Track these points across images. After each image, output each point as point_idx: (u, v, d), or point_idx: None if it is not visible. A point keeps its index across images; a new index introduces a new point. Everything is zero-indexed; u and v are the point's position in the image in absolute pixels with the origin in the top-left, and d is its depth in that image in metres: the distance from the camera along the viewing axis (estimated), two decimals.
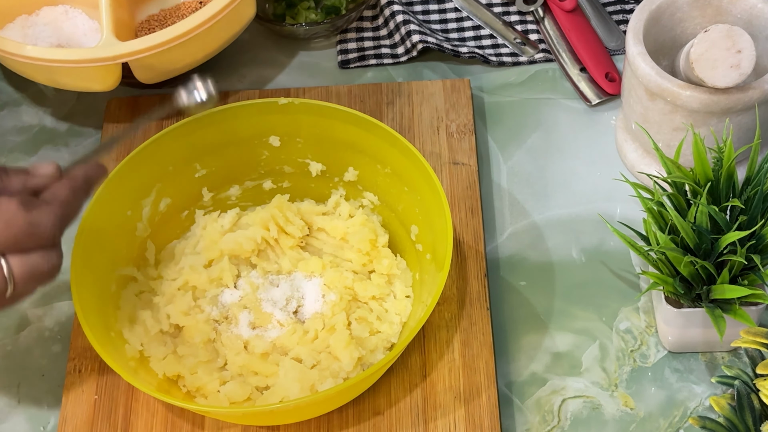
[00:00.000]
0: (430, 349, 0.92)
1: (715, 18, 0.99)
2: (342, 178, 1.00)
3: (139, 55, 1.02)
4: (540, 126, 1.09)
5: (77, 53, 1.02)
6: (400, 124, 1.07)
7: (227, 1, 1.03)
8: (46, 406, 0.94)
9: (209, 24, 1.03)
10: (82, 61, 1.02)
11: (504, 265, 0.99)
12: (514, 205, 1.04)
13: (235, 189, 1.01)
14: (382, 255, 0.96)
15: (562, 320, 0.96)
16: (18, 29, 1.13)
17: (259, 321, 0.92)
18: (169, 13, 1.15)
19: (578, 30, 1.14)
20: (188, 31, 1.02)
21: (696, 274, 0.84)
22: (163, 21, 1.14)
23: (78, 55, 1.02)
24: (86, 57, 1.02)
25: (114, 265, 0.93)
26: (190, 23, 1.02)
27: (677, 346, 0.92)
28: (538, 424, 0.90)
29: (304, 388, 0.87)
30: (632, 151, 1.03)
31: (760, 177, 0.85)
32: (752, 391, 0.79)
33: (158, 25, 1.14)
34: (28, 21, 1.13)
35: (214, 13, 1.03)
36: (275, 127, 0.98)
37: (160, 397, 0.82)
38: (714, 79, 0.89)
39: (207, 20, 1.03)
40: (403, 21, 1.16)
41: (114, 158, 1.07)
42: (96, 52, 1.02)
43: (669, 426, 0.89)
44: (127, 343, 0.90)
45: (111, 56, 1.02)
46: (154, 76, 1.07)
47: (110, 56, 1.02)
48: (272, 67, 1.17)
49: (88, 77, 1.04)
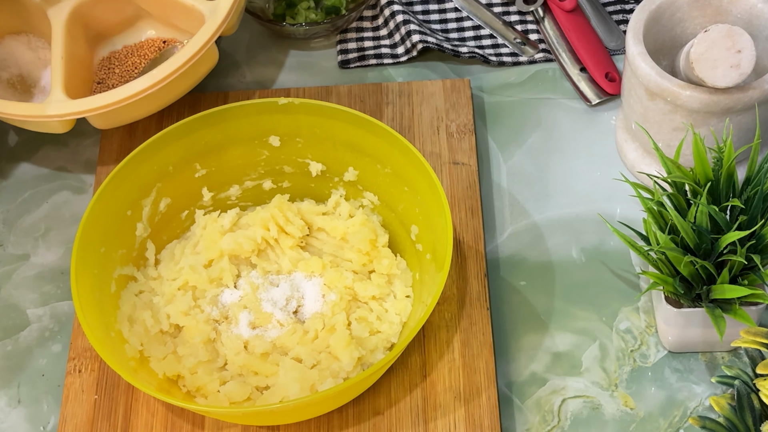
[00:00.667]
0: (430, 349, 0.92)
1: (715, 18, 0.99)
2: (342, 178, 1.00)
3: (89, 113, 1.00)
4: (540, 126, 1.09)
5: (26, 108, 1.00)
6: (400, 124, 1.07)
7: (185, 58, 1.00)
8: (46, 406, 0.94)
9: (166, 82, 0.99)
10: (31, 116, 1.00)
11: (504, 265, 0.99)
12: (514, 205, 1.04)
13: (235, 189, 1.01)
14: (382, 255, 0.96)
15: (562, 320, 0.96)
16: None
17: (259, 321, 0.92)
18: (131, 51, 1.14)
19: (578, 30, 1.14)
20: (142, 90, 0.99)
21: (696, 274, 0.84)
22: (124, 59, 1.13)
23: (27, 111, 1.00)
24: (34, 113, 1.00)
25: (114, 265, 0.93)
26: (145, 82, 0.98)
27: (677, 346, 0.92)
28: (538, 424, 0.90)
29: (304, 388, 0.87)
30: (632, 150, 1.03)
31: (760, 177, 0.85)
32: (752, 391, 0.79)
33: (118, 64, 1.13)
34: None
35: (171, 71, 0.99)
36: (275, 127, 0.98)
37: (160, 397, 0.82)
38: (714, 78, 0.89)
39: (164, 78, 0.99)
40: (403, 21, 1.16)
41: (115, 158, 1.07)
42: (44, 109, 1.00)
43: (669, 426, 0.89)
44: (127, 343, 0.90)
45: (59, 114, 1.00)
46: (109, 125, 1.04)
47: (58, 114, 1.00)
48: (272, 67, 1.17)
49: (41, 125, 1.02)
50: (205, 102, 1.11)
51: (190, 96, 1.11)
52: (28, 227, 1.06)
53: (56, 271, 1.02)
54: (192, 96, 1.11)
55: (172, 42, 1.14)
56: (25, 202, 1.08)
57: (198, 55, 1.00)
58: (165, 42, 1.14)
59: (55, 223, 1.06)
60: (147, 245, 0.97)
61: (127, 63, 1.13)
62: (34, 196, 1.08)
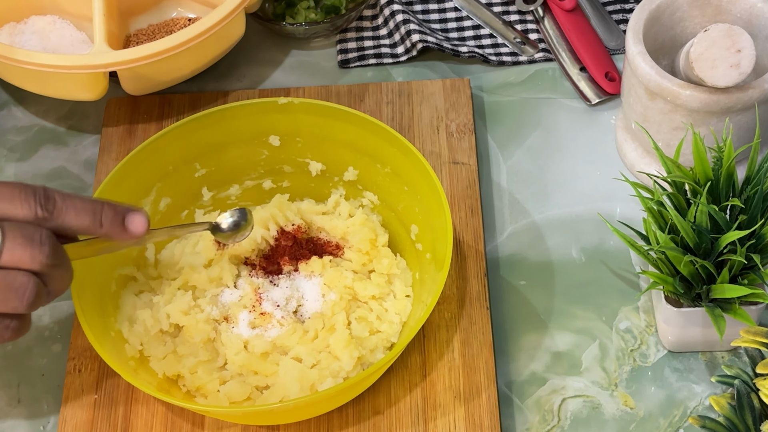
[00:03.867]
0: (430, 348, 0.92)
1: (715, 17, 0.99)
2: (342, 177, 1.00)
3: (131, 64, 1.02)
4: (540, 125, 1.09)
5: (70, 59, 1.01)
6: (399, 123, 1.07)
7: (221, 16, 1.04)
8: (45, 406, 0.94)
9: (204, 37, 1.03)
10: (75, 67, 1.01)
11: (504, 265, 0.99)
12: (514, 205, 1.04)
13: (234, 188, 1.01)
14: (381, 254, 0.96)
15: (561, 320, 0.96)
16: (5, 36, 1.13)
17: (259, 321, 0.92)
18: (157, 29, 1.16)
19: (578, 29, 1.14)
20: (181, 44, 1.02)
21: (696, 273, 0.84)
22: (151, 36, 1.15)
23: (70, 62, 1.01)
24: (79, 63, 1.01)
25: (114, 264, 0.93)
26: (184, 36, 1.02)
27: (677, 345, 0.92)
28: (537, 424, 0.90)
29: (303, 388, 0.87)
30: (632, 150, 1.03)
31: (760, 176, 0.85)
32: (752, 390, 0.79)
33: (146, 40, 1.14)
34: (15, 29, 1.13)
35: (208, 26, 1.03)
36: (275, 127, 0.98)
37: (160, 396, 0.82)
38: (714, 78, 0.89)
39: (202, 33, 1.03)
40: (402, 20, 1.16)
41: (114, 158, 1.07)
42: (89, 59, 1.02)
43: (669, 425, 0.89)
44: (127, 343, 0.90)
45: (103, 64, 1.01)
46: (141, 88, 1.07)
47: (102, 64, 1.01)
48: (272, 67, 1.17)
49: (77, 85, 1.04)
50: (204, 102, 1.11)
51: (190, 96, 1.11)
52: None
53: None
54: (192, 96, 1.11)
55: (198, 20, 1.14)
56: None
57: (231, 16, 1.05)
58: (190, 20, 1.16)
59: None
60: (147, 245, 0.97)
61: (155, 38, 1.14)
62: None
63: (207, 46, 1.06)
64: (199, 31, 1.03)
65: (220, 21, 1.04)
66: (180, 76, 1.08)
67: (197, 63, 1.08)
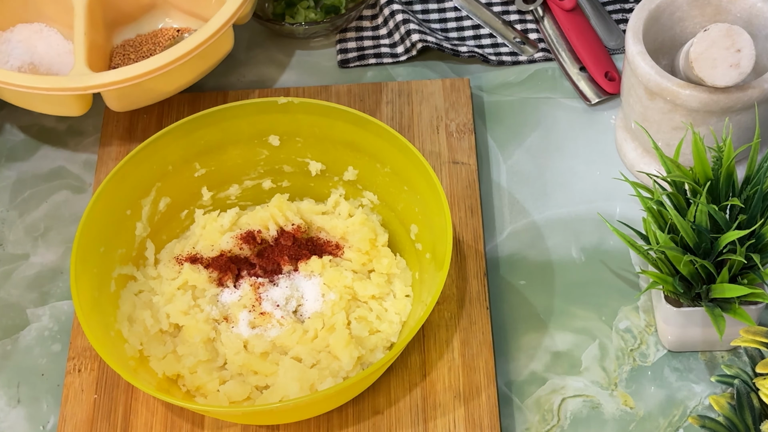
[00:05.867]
0: (430, 348, 0.92)
1: (715, 17, 0.99)
2: (341, 177, 1.00)
3: (112, 86, 1.00)
4: (539, 125, 1.09)
5: (49, 81, 1.00)
6: (399, 123, 1.07)
7: (205, 36, 1.01)
8: (45, 406, 0.94)
9: (186, 59, 1.01)
10: (54, 89, 1.00)
11: (504, 265, 0.99)
12: (514, 205, 1.04)
13: (234, 188, 1.01)
14: (381, 254, 0.96)
15: (561, 319, 0.96)
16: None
17: (259, 320, 0.92)
18: (145, 39, 1.14)
19: (578, 29, 1.14)
20: (165, 65, 1.00)
21: (695, 273, 0.84)
22: (139, 47, 1.13)
23: (49, 83, 1.00)
24: (58, 86, 1.00)
25: (113, 264, 0.93)
26: (167, 56, 1.00)
27: (677, 345, 0.92)
28: (537, 424, 0.90)
29: (303, 388, 0.87)
30: (632, 150, 1.03)
31: (759, 176, 0.85)
32: (752, 390, 0.79)
33: (133, 51, 1.13)
34: (2, 37, 1.12)
35: (191, 48, 1.01)
36: (275, 127, 0.98)
37: (160, 396, 0.82)
38: (713, 78, 0.89)
39: (184, 55, 1.00)
40: (402, 20, 1.16)
41: (114, 158, 1.07)
42: (68, 82, 1.00)
43: (669, 425, 0.89)
44: (127, 343, 0.90)
45: (83, 87, 1.00)
46: (125, 105, 1.05)
47: (82, 87, 1.00)
48: (271, 67, 1.17)
49: (61, 104, 1.02)
50: (204, 101, 1.11)
51: (190, 95, 1.11)
52: (27, 227, 1.06)
53: (56, 270, 1.02)
54: (191, 95, 1.11)
55: (186, 31, 1.14)
56: (24, 201, 1.07)
57: (217, 35, 1.02)
58: (179, 31, 1.15)
59: (54, 223, 1.06)
60: (146, 245, 0.97)
61: (142, 50, 1.13)
62: (33, 195, 1.08)
63: (193, 64, 1.03)
64: (184, 50, 1.00)
65: (206, 41, 1.01)
66: (165, 92, 1.05)
67: (182, 80, 1.05)
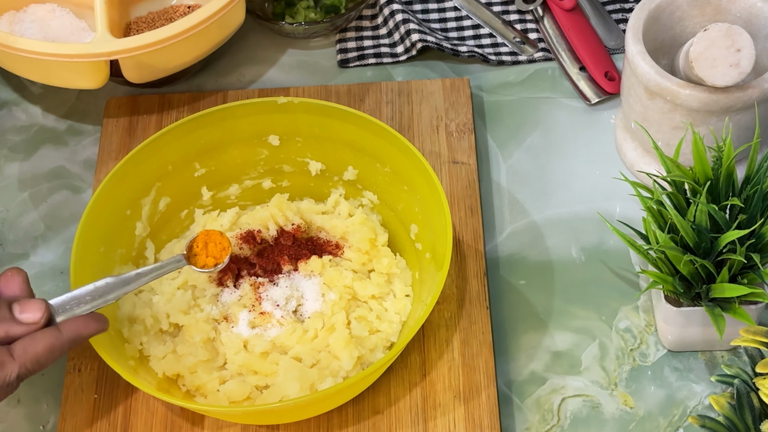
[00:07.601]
0: (430, 348, 0.92)
1: (715, 17, 0.99)
2: (341, 177, 1.00)
3: (134, 52, 1.02)
4: (539, 125, 1.09)
5: (72, 48, 1.02)
6: (399, 123, 1.07)
7: (222, 3, 1.04)
8: (45, 406, 0.94)
9: (206, 24, 1.03)
10: (77, 56, 1.01)
11: (503, 264, 0.99)
12: (514, 204, 1.04)
13: (234, 188, 1.01)
14: (381, 254, 0.96)
15: (561, 319, 0.96)
16: (5, 25, 1.13)
17: (259, 320, 0.92)
18: (157, 16, 1.16)
19: (577, 29, 1.14)
20: (183, 31, 1.02)
21: (695, 272, 0.84)
22: (151, 24, 1.15)
23: (73, 50, 1.01)
24: (81, 52, 1.01)
25: (113, 264, 0.93)
26: (186, 23, 1.02)
27: (677, 344, 0.92)
28: (537, 423, 0.90)
29: (303, 387, 0.87)
30: (632, 150, 1.03)
31: (759, 176, 0.85)
32: (752, 389, 0.79)
33: (146, 27, 1.14)
34: (15, 17, 1.13)
35: (210, 14, 1.03)
36: (274, 126, 0.98)
37: (160, 396, 0.82)
38: (713, 77, 0.89)
39: (204, 20, 1.03)
40: (402, 20, 1.16)
41: (114, 158, 1.07)
42: (91, 48, 1.02)
43: (668, 425, 0.89)
44: (127, 342, 0.90)
45: (106, 52, 1.02)
46: (143, 76, 1.07)
47: (105, 52, 1.01)
48: (271, 66, 1.17)
49: (78, 74, 1.04)
50: (204, 101, 1.11)
51: (190, 95, 1.11)
52: (27, 227, 1.06)
53: (56, 270, 1.02)
54: (191, 95, 1.11)
55: (197, 7, 1.14)
56: (24, 201, 1.07)
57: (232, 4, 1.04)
58: (189, 8, 1.15)
59: (54, 223, 1.06)
60: (146, 244, 0.97)
61: (155, 26, 1.14)
62: (33, 195, 1.08)
63: (208, 34, 1.06)
64: (201, 18, 1.03)
65: (222, 8, 1.04)
66: (181, 63, 1.08)
67: (199, 50, 1.08)
